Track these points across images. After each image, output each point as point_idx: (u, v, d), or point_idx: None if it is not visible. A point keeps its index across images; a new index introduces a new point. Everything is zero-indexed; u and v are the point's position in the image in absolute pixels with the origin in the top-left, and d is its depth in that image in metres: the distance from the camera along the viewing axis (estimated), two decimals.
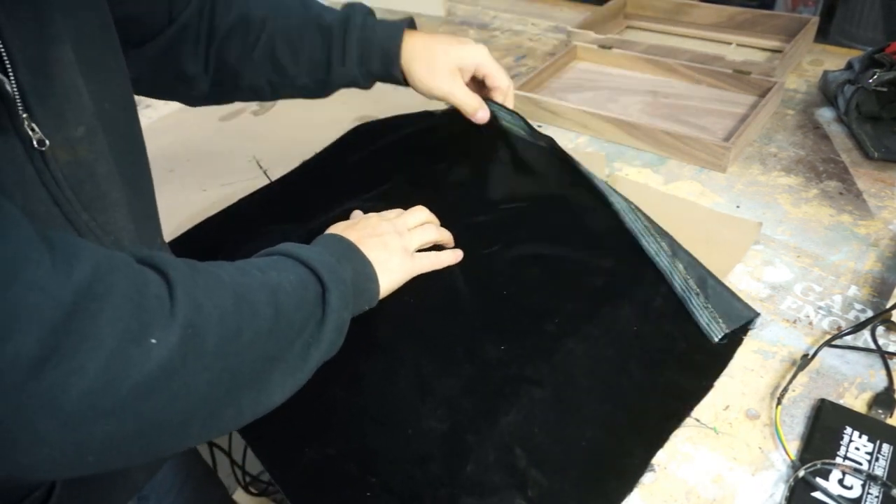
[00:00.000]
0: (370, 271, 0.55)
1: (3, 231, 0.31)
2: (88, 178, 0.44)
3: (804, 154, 0.82)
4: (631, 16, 1.17)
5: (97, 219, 0.44)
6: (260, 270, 0.45)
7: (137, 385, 0.33)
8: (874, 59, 0.84)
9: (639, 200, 0.75)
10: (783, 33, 1.04)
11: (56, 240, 0.34)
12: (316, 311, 0.47)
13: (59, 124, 0.41)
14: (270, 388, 0.43)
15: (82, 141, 0.43)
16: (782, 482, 0.48)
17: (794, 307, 0.62)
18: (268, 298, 0.43)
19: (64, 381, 0.31)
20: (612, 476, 0.48)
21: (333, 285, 0.48)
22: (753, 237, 0.69)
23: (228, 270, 0.44)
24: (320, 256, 0.49)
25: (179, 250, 0.71)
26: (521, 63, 1.10)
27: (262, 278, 0.44)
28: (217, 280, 0.41)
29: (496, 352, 0.56)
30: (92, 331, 0.32)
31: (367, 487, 0.48)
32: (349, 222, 0.62)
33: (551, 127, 0.91)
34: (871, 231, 0.69)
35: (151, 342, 0.34)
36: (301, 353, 0.45)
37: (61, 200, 0.42)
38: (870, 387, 0.54)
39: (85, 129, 0.43)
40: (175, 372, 0.35)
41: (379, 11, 1.31)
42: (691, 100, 0.93)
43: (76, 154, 0.43)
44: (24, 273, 0.31)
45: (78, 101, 0.43)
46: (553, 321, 0.58)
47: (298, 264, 0.48)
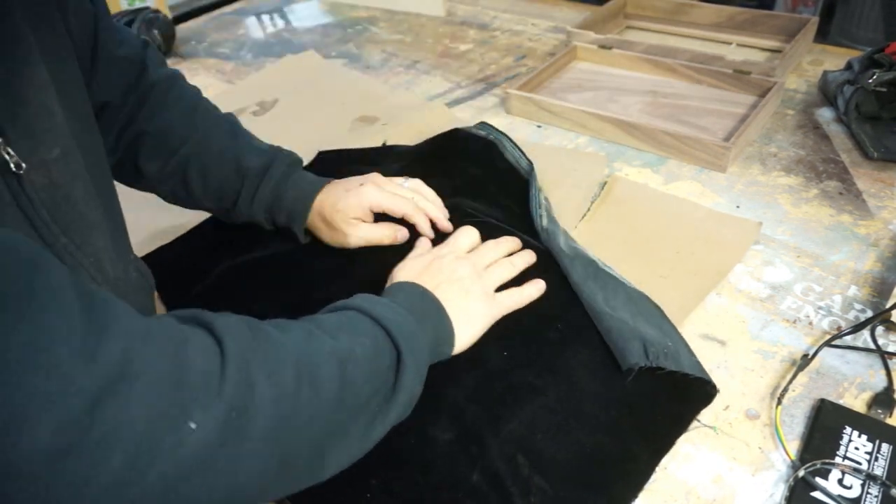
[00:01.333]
0: (448, 333, 0.52)
1: (39, 303, 0.28)
2: (64, 200, 0.42)
3: (804, 154, 0.82)
4: (631, 16, 1.18)
5: (76, 241, 0.43)
6: (331, 334, 0.42)
7: (167, 474, 0.31)
8: (874, 60, 0.84)
9: (639, 200, 0.75)
10: (783, 33, 1.04)
11: (92, 307, 0.31)
12: (387, 384, 0.44)
13: (34, 146, 0.40)
14: (324, 465, 0.40)
15: (57, 163, 0.41)
16: (782, 482, 0.48)
17: (794, 307, 0.62)
18: (335, 371, 0.40)
19: (86, 474, 0.29)
20: (617, 481, 0.48)
21: (410, 356, 0.44)
22: (753, 237, 0.69)
23: (295, 335, 0.40)
24: (401, 318, 0.46)
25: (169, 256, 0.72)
26: (521, 63, 1.10)
27: (332, 345, 0.41)
28: (279, 349, 0.38)
29: (499, 359, 0.56)
30: (121, 418, 0.29)
31: (366, 489, 0.48)
32: (422, 262, 0.58)
33: (551, 127, 0.91)
34: (871, 231, 0.69)
35: (190, 426, 0.31)
36: (364, 428, 0.42)
37: (38, 224, 0.40)
38: (869, 387, 0.54)
39: (60, 150, 0.42)
40: (212, 460, 0.32)
41: (379, 12, 1.32)
42: (691, 100, 0.93)
43: (52, 176, 0.41)
44: (47, 354, 0.28)
45: (51, 122, 0.41)
46: (556, 327, 0.58)
47: (375, 326, 0.45)
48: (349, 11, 1.36)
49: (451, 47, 1.17)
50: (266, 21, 1.35)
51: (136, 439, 0.30)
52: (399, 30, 1.26)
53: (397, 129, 0.92)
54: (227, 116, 0.70)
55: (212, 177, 0.66)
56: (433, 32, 1.24)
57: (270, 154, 0.67)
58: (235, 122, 0.70)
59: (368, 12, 1.34)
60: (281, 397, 0.36)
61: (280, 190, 0.66)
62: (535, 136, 0.90)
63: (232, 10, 1.42)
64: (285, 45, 1.23)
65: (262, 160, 0.66)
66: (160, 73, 0.66)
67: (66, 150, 0.42)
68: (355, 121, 0.96)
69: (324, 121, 0.96)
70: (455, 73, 1.08)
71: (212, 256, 0.70)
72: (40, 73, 0.41)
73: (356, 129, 0.94)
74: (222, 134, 0.67)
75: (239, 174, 0.66)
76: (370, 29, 1.27)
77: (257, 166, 0.66)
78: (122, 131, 0.64)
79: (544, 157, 0.84)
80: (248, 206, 0.67)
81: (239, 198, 0.66)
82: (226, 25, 1.34)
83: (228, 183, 0.66)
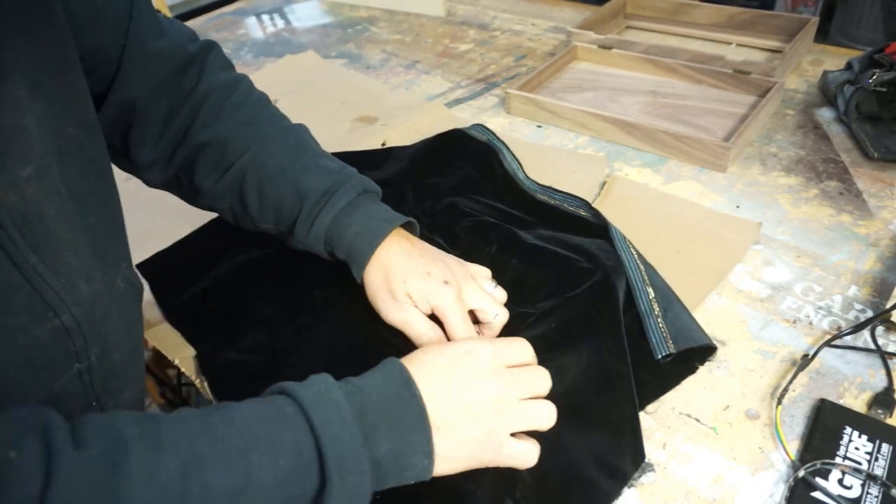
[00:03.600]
0: (426, 441, 0.41)
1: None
2: (37, 219, 0.40)
3: (804, 154, 0.82)
4: (631, 16, 1.17)
5: (46, 261, 0.41)
6: (240, 452, 0.35)
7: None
8: (874, 60, 0.84)
9: (639, 200, 0.75)
10: (783, 33, 1.04)
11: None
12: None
13: (4, 165, 0.38)
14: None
15: (30, 181, 0.40)
16: (782, 482, 0.48)
17: (794, 307, 0.62)
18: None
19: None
20: (603, 477, 0.49)
21: (339, 480, 0.36)
22: (753, 237, 0.69)
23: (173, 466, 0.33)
24: (341, 429, 0.37)
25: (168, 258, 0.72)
26: (521, 63, 1.10)
27: (221, 481, 0.34)
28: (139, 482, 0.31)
29: None
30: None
31: None
32: (447, 356, 0.46)
33: (551, 127, 0.91)
34: (871, 231, 0.69)
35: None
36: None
37: (6, 244, 0.38)
38: (870, 387, 0.54)
39: (33, 168, 0.40)
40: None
41: (379, 12, 1.32)
42: (691, 100, 0.93)
43: (23, 195, 0.39)
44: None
45: (24, 141, 0.39)
46: (549, 326, 0.58)
47: (306, 433, 0.37)
48: (349, 11, 1.36)
49: (451, 47, 1.17)
50: (266, 21, 1.35)
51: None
52: (399, 30, 1.26)
53: (397, 129, 0.92)
54: (296, 128, 0.62)
55: (269, 196, 0.58)
56: (433, 32, 1.24)
57: (337, 176, 0.58)
58: (304, 135, 0.62)
59: (368, 12, 1.34)
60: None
61: (343, 221, 0.57)
62: (535, 136, 0.90)
63: (232, 10, 1.42)
64: (285, 45, 1.23)
65: (328, 182, 0.57)
66: (220, 77, 0.60)
67: (41, 169, 0.40)
68: (355, 121, 0.96)
69: (323, 121, 0.96)
70: (455, 73, 1.08)
71: (211, 259, 0.70)
72: (17, 90, 0.39)
73: (356, 130, 0.94)
74: (285, 148, 0.59)
75: (299, 196, 0.57)
76: (370, 29, 1.27)
77: (320, 188, 0.57)
78: (175, 145, 0.59)
79: (544, 157, 0.84)
80: (304, 234, 0.58)
81: (296, 223, 0.58)
82: (226, 25, 1.34)
83: (287, 205, 0.58)
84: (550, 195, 0.74)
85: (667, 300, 0.60)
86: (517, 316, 0.59)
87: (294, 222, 0.58)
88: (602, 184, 0.79)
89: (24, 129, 0.39)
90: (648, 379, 0.55)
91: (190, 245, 0.74)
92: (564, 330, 0.57)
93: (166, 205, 0.70)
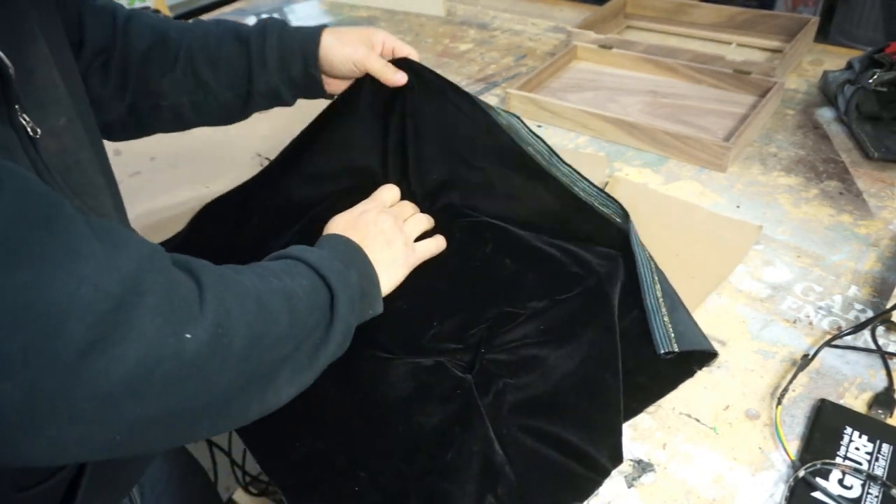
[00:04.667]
0: (373, 275, 0.57)
1: (58, 229, 0.34)
2: (75, 165, 0.45)
3: (804, 154, 0.82)
4: (631, 16, 1.17)
5: (88, 203, 0.46)
6: (276, 276, 0.47)
7: (169, 374, 0.36)
8: (874, 59, 0.84)
9: (639, 201, 0.75)
10: (783, 33, 1.04)
11: (102, 231, 0.36)
12: (325, 316, 0.49)
13: (43, 116, 0.43)
14: (279, 387, 0.45)
15: (65, 130, 0.45)
16: (782, 482, 0.48)
17: (794, 307, 0.62)
18: (284, 305, 0.45)
19: (107, 366, 0.34)
20: (583, 470, 0.49)
21: (342, 291, 0.50)
22: (753, 239, 0.69)
23: (250, 277, 0.46)
24: (329, 263, 0.51)
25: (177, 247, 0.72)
26: (521, 63, 1.10)
27: (279, 285, 0.46)
28: (242, 287, 0.43)
29: (483, 360, 0.56)
30: (135, 322, 0.35)
31: (355, 481, 0.49)
32: (350, 217, 0.63)
33: (551, 127, 0.91)
34: (871, 231, 0.69)
35: (186, 336, 0.37)
36: (310, 354, 0.47)
37: (55, 187, 0.42)
38: (870, 387, 0.54)
39: (66, 119, 0.45)
40: (204, 366, 0.38)
41: (379, 12, 1.32)
42: (691, 100, 0.93)
43: (62, 143, 0.45)
44: (78, 267, 0.33)
45: (56, 93, 0.45)
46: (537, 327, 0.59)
47: (310, 270, 0.50)
48: (349, 11, 1.36)
49: (451, 47, 1.17)
50: None
51: (147, 342, 0.35)
52: (399, 30, 1.26)
53: None
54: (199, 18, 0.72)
55: (220, 59, 0.67)
56: (433, 32, 1.24)
57: (261, 21, 0.69)
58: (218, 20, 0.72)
59: (368, 12, 1.34)
60: (250, 321, 0.42)
61: (284, 37, 0.68)
62: None
63: (232, 10, 1.42)
64: None
65: (256, 26, 0.69)
66: (125, 9, 0.68)
67: (71, 119, 0.46)
68: None
69: None
70: (455, 72, 1.08)
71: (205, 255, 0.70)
72: (43, 48, 0.44)
73: None
74: (208, 27, 0.69)
75: (241, 44, 0.67)
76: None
77: (254, 30, 0.68)
78: (126, 69, 0.65)
79: None
80: (261, 69, 0.67)
81: (251, 64, 0.67)
82: None
83: (236, 57, 0.67)
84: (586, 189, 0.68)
85: (672, 303, 0.60)
86: (506, 314, 0.59)
87: (249, 70, 0.67)
88: (603, 184, 0.79)
89: (54, 82, 0.45)
90: (646, 382, 0.55)
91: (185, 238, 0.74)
92: (551, 332, 0.58)
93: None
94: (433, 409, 0.53)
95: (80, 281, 0.33)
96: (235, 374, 0.40)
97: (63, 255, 0.33)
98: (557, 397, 0.53)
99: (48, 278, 0.32)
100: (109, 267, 0.35)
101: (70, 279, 0.33)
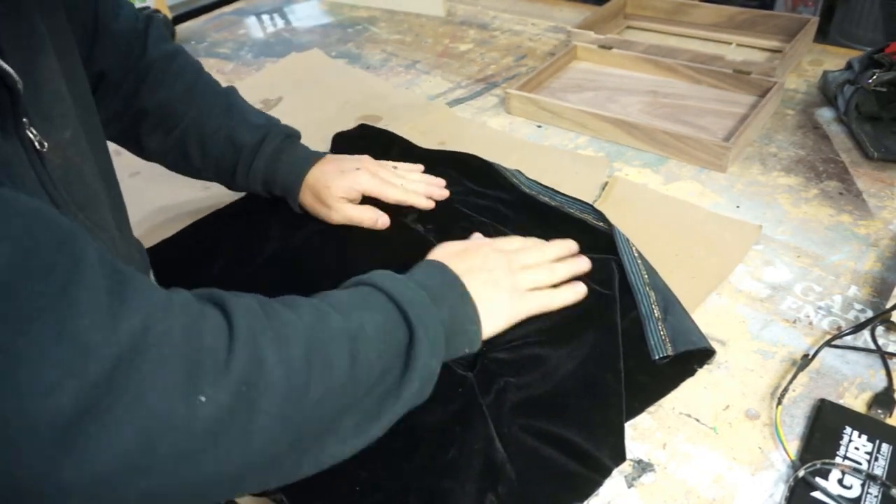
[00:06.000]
0: (472, 312, 0.51)
1: (60, 280, 0.30)
2: (78, 178, 0.45)
3: (804, 154, 0.82)
4: (631, 16, 1.17)
5: (91, 218, 0.45)
6: (342, 312, 0.42)
7: (178, 445, 0.32)
8: (874, 60, 0.84)
9: (640, 203, 0.75)
10: (783, 33, 1.04)
11: (116, 281, 0.32)
12: (399, 359, 0.44)
13: (49, 129, 0.42)
14: (339, 439, 0.41)
15: (70, 144, 0.44)
16: (782, 482, 0.48)
17: (794, 307, 0.62)
18: (346, 348, 0.40)
19: (98, 438, 0.29)
20: (583, 470, 0.49)
21: (423, 332, 0.44)
22: (753, 240, 0.69)
23: (305, 312, 0.41)
24: (414, 294, 0.46)
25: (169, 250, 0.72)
26: (521, 63, 1.10)
27: (343, 324, 0.41)
28: (289, 327, 0.39)
29: (485, 359, 0.56)
30: (134, 386, 0.30)
31: (355, 480, 0.49)
32: (458, 247, 0.58)
33: (551, 127, 0.91)
34: (871, 231, 0.69)
35: (200, 400, 0.32)
36: (377, 403, 0.42)
37: (59, 202, 0.42)
38: (870, 387, 0.54)
39: (71, 132, 0.44)
40: (224, 430, 0.33)
41: (379, 12, 1.32)
42: (691, 100, 0.93)
43: (66, 156, 0.44)
44: (71, 325, 0.29)
45: (63, 106, 0.44)
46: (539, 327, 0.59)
47: (388, 301, 0.45)
48: (349, 11, 1.36)
49: (451, 47, 1.17)
50: (266, 21, 1.35)
51: (147, 410, 0.31)
52: (399, 30, 1.26)
53: (400, 128, 0.91)
54: (225, 91, 0.72)
55: (209, 152, 0.69)
56: (433, 32, 1.24)
57: (265, 129, 0.70)
58: (233, 97, 0.71)
59: (368, 12, 1.34)
60: (291, 373, 0.36)
61: (274, 164, 0.69)
62: (535, 136, 0.90)
63: (232, 10, 1.42)
64: (285, 45, 1.23)
65: (256, 135, 0.69)
66: (161, 49, 0.68)
67: (76, 132, 0.45)
68: (358, 119, 0.96)
69: (327, 119, 0.96)
70: (455, 73, 1.08)
71: (210, 252, 0.71)
72: (52, 61, 0.44)
73: None
74: (219, 111, 0.69)
75: (235, 150, 0.69)
76: (370, 29, 1.27)
77: (251, 142, 0.69)
78: (124, 110, 0.66)
79: (544, 158, 0.84)
80: (244, 180, 0.70)
81: (236, 172, 0.70)
82: (226, 25, 1.34)
83: (225, 158, 0.69)
84: (552, 196, 0.74)
85: (667, 303, 0.60)
86: None
87: (234, 171, 0.70)
88: (603, 185, 0.79)
89: (62, 95, 0.44)
90: (647, 382, 0.55)
91: (188, 237, 0.75)
92: (553, 331, 0.58)
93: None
94: (434, 408, 0.52)
95: (71, 341, 0.29)
96: (271, 434, 0.35)
97: (56, 312, 0.29)
98: (558, 397, 0.53)
99: (31, 340, 0.28)
100: (107, 325, 0.30)
101: (57, 341, 0.29)
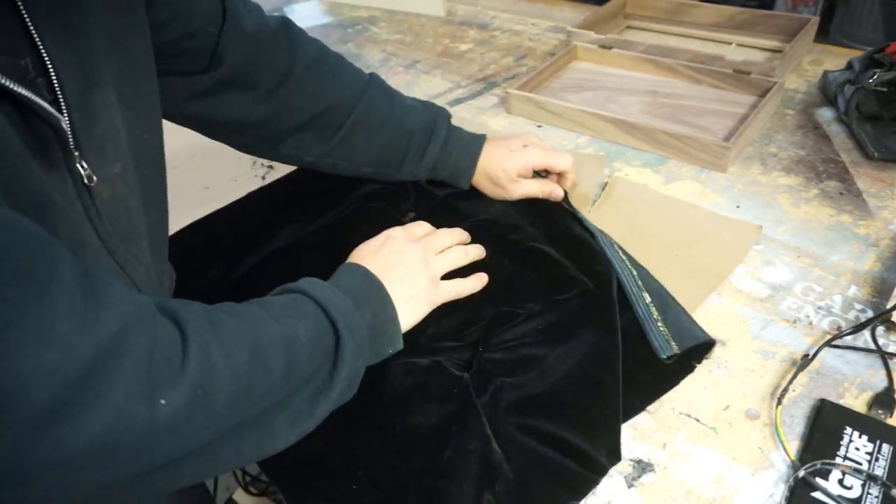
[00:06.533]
0: (391, 312, 0.54)
1: (37, 287, 0.32)
2: (124, 211, 0.46)
3: (804, 154, 0.82)
4: (631, 16, 1.17)
5: (131, 250, 0.47)
6: (278, 318, 0.45)
7: (138, 440, 0.34)
8: (874, 59, 0.84)
9: (640, 202, 0.75)
10: (783, 33, 1.04)
11: (90, 289, 0.34)
12: (328, 362, 0.47)
13: (101, 162, 0.44)
14: (276, 433, 0.43)
15: (119, 177, 0.45)
16: (782, 482, 0.48)
17: (794, 307, 0.62)
18: (281, 353, 0.43)
19: (67, 435, 0.32)
20: (580, 469, 0.49)
21: (349, 335, 0.47)
22: (753, 240, 0.69)
23: (248, 320, 0.44)
24: (339, 301, 0.48)
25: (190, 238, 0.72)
26: (521, 63, 1.10)
27: (279, 330, 0.44)
28: (234, 335, 0.41)
29: (481, 359, 0.57)
30: (105, 389, 0.33)
31: (353, 481, 0.49)
32: (375, 245, 0.59)
33: (551, 127, 0.91)
34: (871, 231, 0.69)
35: (161, 402, 0.35)
36: (309, 400, 0.45)
37: (103, 234, 0.44)
38: (870, 387, 0.54)
39: (121, 165, 0.46)
40: (179, 429, 0.36)
41: (379, 12, 1.32)
42: (691, 100, 0.93)
43: (115, 189, 0.45)
44: (50, 330, 0.31)
45: (116, 139, 0.45)
46: (535, 328, 0.59)
47: (317, 308, 0.47)
48: (349, 11, 1.36)
49: (451, 47, 1.17)
50: None
51: (114, 410, 0.33)
52: (399, 30, 1.26)
53: None
54: (373, 77, 0.71)
55: (378, 143, 0.69)
56: (433, 32, 1.24)
57: (429, 113, 0.71)
58: (383, 83, 0.72)
59: (368, 12, 1.34)
60: (237, 377, 0.40)
61: (447, 148, 0.71)
62: None
63: None
64: None
65: (424, 121, 0.70)
66: (308, 49, 0.67)
67: (126, 166, 0.46)
68: None
69: None
70: (455, 73, 1.08)
71: (234, 243, 0.71)
72: (109, 95, 0.44)
73: None
74: (378, 99, 0.69)
75: (404, 138, 0.70)
76: (370, 29, 1.27)
77: (420, 127, 0.70)
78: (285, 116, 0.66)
79: None
80: (415, 166, 0.71)
81: (406, 158, 0.71)
82: None
83: (395, 149, 0.70)
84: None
85: (663, 302, 0.60)
86: (505, 314, 0.60)
87: (402, 160, 0.71)
88: (603, 185, 0.79)
89: (116, 129, 0.45)
90: (648, 380, 0.55)
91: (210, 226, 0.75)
92: (549, 333, 0.58)
93: None
94: (431, 409, 0.53)
95: (49, 345, 0.31)
96: (217, 430, 0.39)
97: (36, 317, 0.31)
98: (555, 396, 0.53)
99: (13, 342, 0.30)
100: (86, 329, 0.33)
101: (37, 343, 0.31)
